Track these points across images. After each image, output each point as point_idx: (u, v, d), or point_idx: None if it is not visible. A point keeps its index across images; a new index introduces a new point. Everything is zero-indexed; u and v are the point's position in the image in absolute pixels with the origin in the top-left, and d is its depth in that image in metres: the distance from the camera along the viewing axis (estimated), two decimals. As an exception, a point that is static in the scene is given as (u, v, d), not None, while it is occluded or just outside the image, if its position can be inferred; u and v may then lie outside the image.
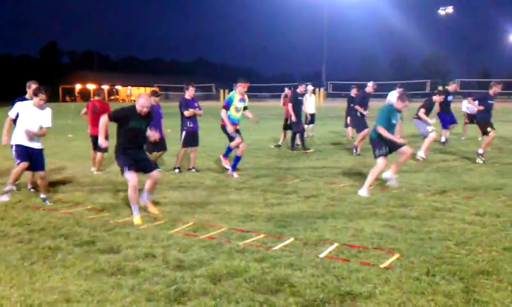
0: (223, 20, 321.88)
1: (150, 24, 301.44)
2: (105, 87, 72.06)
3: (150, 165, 6.79)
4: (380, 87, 17.98)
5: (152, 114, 6.76)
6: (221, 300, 3.84)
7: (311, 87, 16.76)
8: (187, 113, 10.05)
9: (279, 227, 5.87)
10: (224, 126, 9.51)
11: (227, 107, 9.36)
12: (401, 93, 9.60)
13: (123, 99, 68.79)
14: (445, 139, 14.30)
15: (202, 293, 3.98)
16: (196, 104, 10.27)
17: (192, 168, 10.25)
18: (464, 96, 17.07)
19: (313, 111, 16.86)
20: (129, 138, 6.40)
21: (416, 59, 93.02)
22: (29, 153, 7.32)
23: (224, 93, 51.74)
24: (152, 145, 9.85)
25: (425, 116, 11.31)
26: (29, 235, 5.68)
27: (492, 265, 4.53)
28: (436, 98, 11.98)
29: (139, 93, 6.92)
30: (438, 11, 74.24)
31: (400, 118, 8.93)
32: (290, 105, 13.40)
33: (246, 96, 9.64)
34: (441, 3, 73.42)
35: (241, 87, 9.45)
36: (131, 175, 6.27)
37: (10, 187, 7.47)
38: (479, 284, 4.09)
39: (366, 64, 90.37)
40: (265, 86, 66.52)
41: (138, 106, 6.30)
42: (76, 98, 68.71)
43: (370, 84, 13.26)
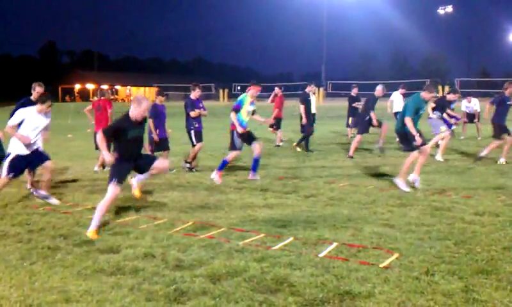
0: (222, 20, 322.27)
1: (150, 24, 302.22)
2: (105, 87, 72.11)
3: (151, 159, 6.35)
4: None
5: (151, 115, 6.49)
6: (221, 299, 3.85)
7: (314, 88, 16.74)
8: (193, 114, 10.03)
9: (278, 227, 5.87)
10: (233, 132, 9.12)
11: (238, 110, 9.02)
12: (429, 83, 9.59)
13: (123, 99, 68.68)
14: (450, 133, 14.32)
15: (202, 292, 3.98)
16: (201, 105, 10.27)
17: (193, 168, 10.26)
18: (464, 95, 17.07)
19: (313, 111, 16.85)
20: (128, 148, 5.96)
21: (415, 59, 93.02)
22: (28, 159, 7.05)
23: (224, 93, 51.68)
24: (156, 145, 9.90)
25: (447, 115, 11.55)
26: (28, 234, 5.68)
27: (491, 264, 4.53)
28: (451, 96, 11.93)
29: (135, 97, 6.26)
30: (438, 10, 74.17)
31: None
32: (303, 107, 13.37)
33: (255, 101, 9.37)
34: (440, 2, 73.35)
35: (254, 90, 9.15)
36: (114, 189, 5.77)
37: None
38: (478, 283, 4.09)
39: (365, 64, 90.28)
40: (264, 86, 66.31)
41: (139, 111, 5.86)
42: (76, 98, 68.66)
43: (380, 87, 12.24)
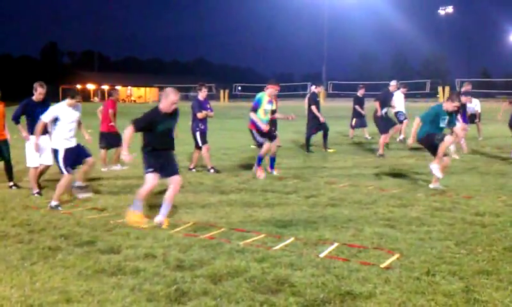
0: (223, 20, 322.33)
1: (150, 24, 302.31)
2: (105, 87, 72.18)
3: (176, 168, 6.16)
4: (381, 88, 17.94)
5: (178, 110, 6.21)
6: (222, 300, 3.85)
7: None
8: (201, 115, 9.94)
9: (279, 227, 5.87)
10: (252, 131, 9.16)
11: (256, 109, 9.06)
12: (452, 93, 9.54)
13: (123, 99, 68.69)
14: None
15: (202, 293, 3.98)
16: (208, 105, 10.20)
17: (193, 168, 10.25)
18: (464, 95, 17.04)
19: None
20: (159, 141, 5.95)
21: (416, 59, 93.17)
22: (74, 151, 7.23)
23: (225, 93, 51.75)
24: None
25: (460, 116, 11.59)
26: (29, 235, 5.68)
27: (492, 264, 4.53)
28: (463, 98, 11.91)
29: (164, 89, 6.09)
30: (438, 11, 74.19)
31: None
32: (314, 107, 13.43)
33: (274, 100, 9.40)
34: (441, 3, 73.43)
35: (272, 89, 9.19)
36: (151, 177, 5.91)
37: (56, 202, 6.97)
38: (479, 283, 4.09)
39: (366, 64, 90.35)
40: (264, 86, 66.31)
41: (167, 104, 5.82)
42: (76, 98, 68.58)
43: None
